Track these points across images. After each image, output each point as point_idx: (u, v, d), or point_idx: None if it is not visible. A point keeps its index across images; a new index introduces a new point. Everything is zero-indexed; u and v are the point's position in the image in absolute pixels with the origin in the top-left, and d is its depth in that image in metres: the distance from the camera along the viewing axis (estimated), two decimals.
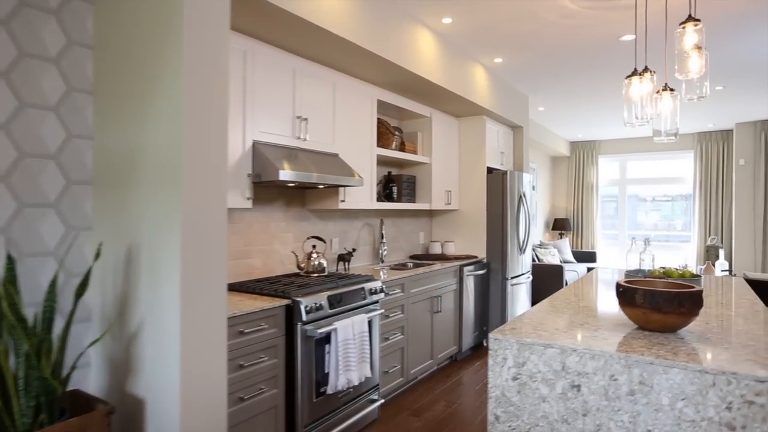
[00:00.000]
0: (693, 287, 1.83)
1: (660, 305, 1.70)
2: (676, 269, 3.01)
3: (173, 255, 1.81)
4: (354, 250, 3.66)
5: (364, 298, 2.88)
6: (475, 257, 4.61)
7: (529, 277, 5.26)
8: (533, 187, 8.33)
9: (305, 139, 2.96)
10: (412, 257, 4.45)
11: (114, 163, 2.04)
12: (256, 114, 2.65)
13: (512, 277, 4.79)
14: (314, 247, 3.13)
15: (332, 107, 3.21)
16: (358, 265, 3.97)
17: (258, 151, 2.60)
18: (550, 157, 9.45)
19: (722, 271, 7.25)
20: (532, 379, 1.67)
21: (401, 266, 4.16)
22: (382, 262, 4.16)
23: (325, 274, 3.10)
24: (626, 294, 1.80)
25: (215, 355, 1.93)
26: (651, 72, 2.61)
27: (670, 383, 1.44)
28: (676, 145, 8.46)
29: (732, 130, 7.94)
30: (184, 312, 1.81)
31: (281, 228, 3.23)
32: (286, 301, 2.41)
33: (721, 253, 7.53)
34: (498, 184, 4.74)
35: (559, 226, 8.99)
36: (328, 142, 3.17)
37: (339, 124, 3.27)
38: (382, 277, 3.26)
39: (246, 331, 2.20)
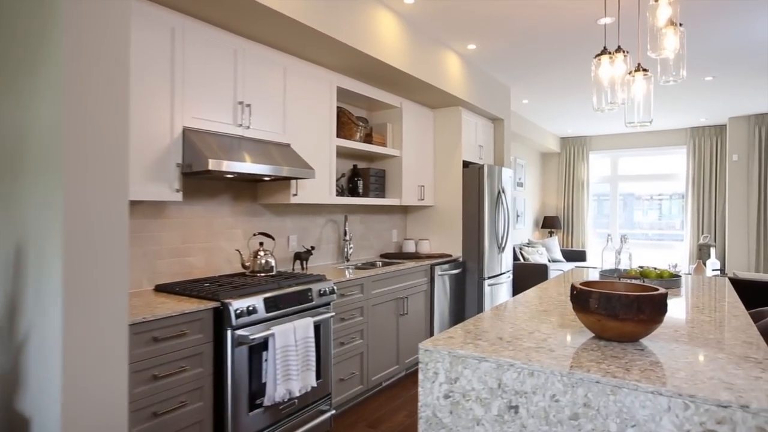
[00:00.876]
0: (657, 290, 1.58)
1: (616, 311, 1.46)
2: (654, 269, 2.77)
3: (55, 253, 1.56)
4: (313, 248, 3.41)
5: (311, 300, 2.63)
6: (449, 256, 4.36)
7: (509, 277, 5.01)
8: (520, 184, 8.09)
9: (248, 127, 2.71)
10: (384, 256, 4.21)
11: (0, 151, 1.79)
12: (187, 98, 2.40)
13: (490, 277, 4.54)
14: (261, 244, 2.88)
15: (282, 93, 2.96)
16: (320, 264, 3.72)
17: (189, 139, 2.36)
18: (540, 153, 9.21)
19: (713, 270, 7.01)
20: (465, 398, 1.43)
21: (369, 265, 3.92)
22: (347, 260, 3.91)
23: (273, 273, 2.85)
24: (580, 298, 1.56)
25: (112, 366, 1.68)
26: (624, 52, 2.37)
27: (619, 406, 1.20)
28: (668, 140, 8.22)
29: (725, 125, 7.70)
30: (68, 319, 1.56)
31: (228, 224, 2.99)
32: (214, 304, 2.17)
33: (713, 251, 7.29)
34: (474, 179, 4.50)
35: (548, 224, 8.75)
36: (277, 131, 2.92)
37: (291, 112, 3.02)
38: (348, 276, 3.01)
39: (162, 337, 1.96)
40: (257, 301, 2.31)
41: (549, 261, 7.76)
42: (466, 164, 4.64)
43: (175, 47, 2.34)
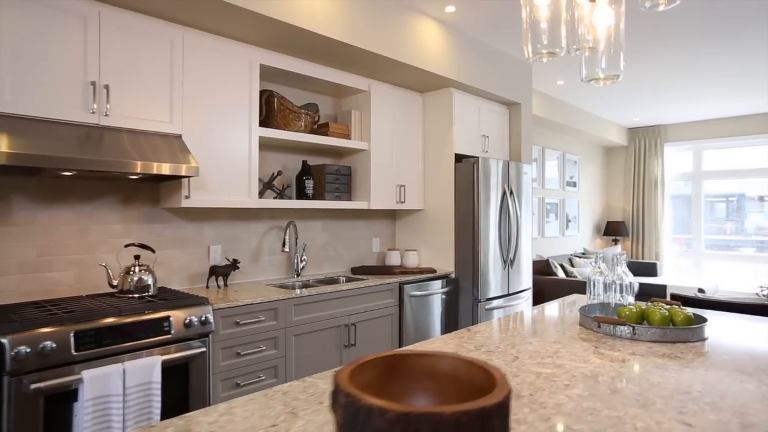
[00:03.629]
0: (493, 387, 0.75)
1: None
2: (660, 308, 1.80)
3: None
4: (237, 261, 2.83)
5: (167, 333, 2.04)
6: (433, 271, 3.54)
7: (527, 298, 4.05)
8: (572, 183, 6.89)
9: (107, 114, 2.19)
10: (355, 270, 3.51)
11: None
12: (7, 76, 1.93)
13: (490, 299, 3.65)
14: (137, 258, 2.35)
15: (169, 73, 2.41)
16: (256, 279, 3.13)
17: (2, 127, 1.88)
18: (602, 148, 7.86)
19: None
20: None
21: (329, 281, 3.27)
22: (298, 275, 3.28)
23: (150, 294, 2.31)
24: (334, 400, 0.79)
25: None
26: None
27: None
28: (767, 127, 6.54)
29: None
30: None
31: (114, 232, 2.50)
32: None
33: None
34: (467, 176, 3.64)
35: (612, 230, 7.40)
36: (160, 119, 2.37)
37: (185, 97, 2.47)
38: (274, 297, 2.39)
39: None
40: (62, 337, 1.76)
41: None
42: (460, 159, 3.79)
43: None
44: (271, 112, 2.97)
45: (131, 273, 2.30)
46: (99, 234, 2.46)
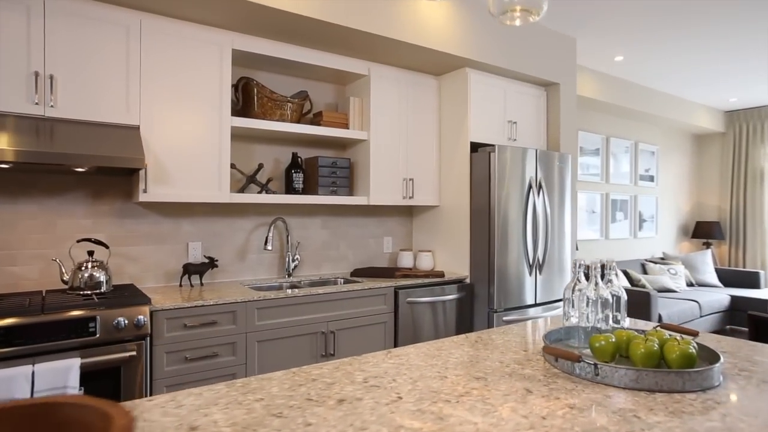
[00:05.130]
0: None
1: None
2: (653, 341, 1.28)
3: None
4: (214, 259, 2.68)
5: (93, 334, 1.91)
6: (441, 275, 3.14)
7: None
8: (647, 177, 5.95)
9: (53, 106, 2.12)
10: (356, 272, 3.22)
11: None
12: None
13: (509, 309, 3.15)
14: (91, 254, 2.28)
15: (125, 61, 2.31)
16: (243, 279, 2.96)
17: None
18: (691, 136, 6.73)
19: None
20: None
21: (323, 283, 3.04)
22: (289, 275, 3.06)
23: (101, 291, 2.22)
24: None
25: None
26: None
27: None
28: None
29: None
30: None
31: (82, 227, 2.46)
32: None
33: None
34: (483, 168, 3.17)
35: (704, 232, 6.31)
36: (115, 109, 2.28)
37: (144, 86, 2.35)
38: (230, 300, 2.22)
39: None
40: None
41: (692, 285, 5.52)
42: (476, 148, 3.33)
43: None
44: (249, 100, 2.78)
45: (83, 269, 2.22)
46: (66, 229, 2.43)
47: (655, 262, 5.52)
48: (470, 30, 3.14)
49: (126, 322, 1.98)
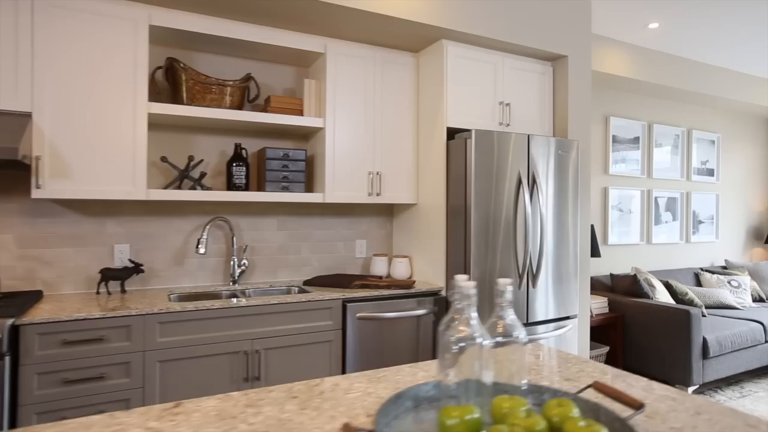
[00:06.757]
0: None
1: None
2: (528, 417, 0.76)
3: None
4: (137, 264, 2.38)
5: None
6: (409, 286, 2.64)
7: (571, 329, 2.85)
8: (706, 171, 5.03)
9: None
10: (310, 281, 2.79)
11: None
12: None
13: None
14: None
15: (13, 41, 2.05)
16: (181, 285, 2.64)
17: None
18: (766, 121, 5.66)
19: None
20: None
21: (271, 292, 2.66)
22: (234, 283, 2.71)
23: None
24: None
25: None
26: None
27: None
28: None
29: None
30: None
31: None
32: None
33: None
34: (460, 158, 2.65)
35: None
36: (2, 95, 2.03)
37: (40, 69, 2.08)
38: (134, 311, 1.91)
39: None
40: None
41: (761, 301, 4.57)
42: (452, 135, 2.78)
43: None
44: (177, 85, 2.45)
45: None
46: None
47: (714, 272, 4.62)
48: None
49: None
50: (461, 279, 0.94)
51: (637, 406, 0.88)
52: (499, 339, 0.93)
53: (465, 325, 0.89)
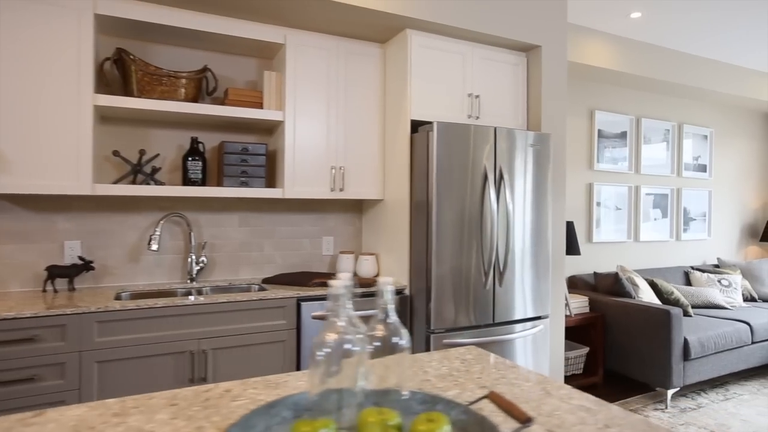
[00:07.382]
0: None
1: None
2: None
3: None
4: (87, 261, 2.32)
5: None
6: (371, 284, 2.55)
7: (541, 329, 2.75)
8: (699, 167, 4.89)
9: None
10: (270, 279, 2.71)
11: None
12: None
13: (453, 329, 2.50)
14: None
15: None
16: (136, 283, 2.56)
17: None
18: (762, 115, 5.50)
19: None
20: None
21: (232, 290, 2.59)
22: (191, 281, 2.63)
23: None
24: None
25: None
26: None
27: None
28: None
29: None
30: None
31: None
32: None
33: None
34: (422, 152, 2.55)
35: None
36: None
37: None
38: (68, 310, 1.84)
39: None
40: None
41: (752, 300, 4.43)
42: (416, 128, 2.68)
43: None
44: (127, 76, 2.37)
45: None
46: None
47: (704, 271, 4.48)
48: None
49: None
50: (344, 277, 0.85)
51: (524, 420, 0.78)
52: (377, 344, 0.84)
53: (333, 330, 0.80)
